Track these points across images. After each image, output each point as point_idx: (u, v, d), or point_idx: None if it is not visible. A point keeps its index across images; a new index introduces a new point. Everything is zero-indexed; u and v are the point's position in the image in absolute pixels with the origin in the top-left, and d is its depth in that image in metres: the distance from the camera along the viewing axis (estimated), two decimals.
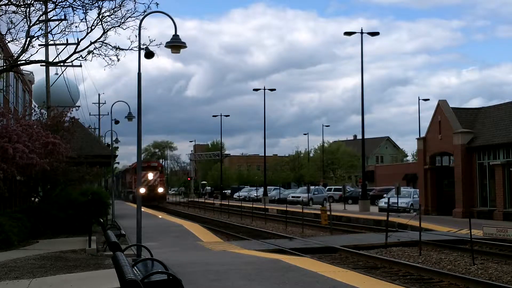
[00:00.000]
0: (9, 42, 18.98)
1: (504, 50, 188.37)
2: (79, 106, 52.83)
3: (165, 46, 15.34)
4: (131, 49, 17.54)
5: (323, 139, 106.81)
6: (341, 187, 67.52)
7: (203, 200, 76.42)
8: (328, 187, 76.09)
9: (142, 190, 58.93)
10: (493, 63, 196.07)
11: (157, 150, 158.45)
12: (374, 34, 46.86)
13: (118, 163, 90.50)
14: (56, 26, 20.93)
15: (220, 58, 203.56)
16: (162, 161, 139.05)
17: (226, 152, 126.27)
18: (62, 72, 35.33)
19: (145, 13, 16.49)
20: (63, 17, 19.95)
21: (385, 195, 47.01)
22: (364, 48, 48.82)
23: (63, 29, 19.07)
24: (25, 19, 17.59)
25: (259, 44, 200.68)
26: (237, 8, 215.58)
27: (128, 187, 78.87)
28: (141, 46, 15.74)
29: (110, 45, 18.01)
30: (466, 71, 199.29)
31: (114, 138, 37.57)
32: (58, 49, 36.72)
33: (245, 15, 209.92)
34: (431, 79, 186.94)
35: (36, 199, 30.52)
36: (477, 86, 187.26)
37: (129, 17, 17.72)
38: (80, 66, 36.90)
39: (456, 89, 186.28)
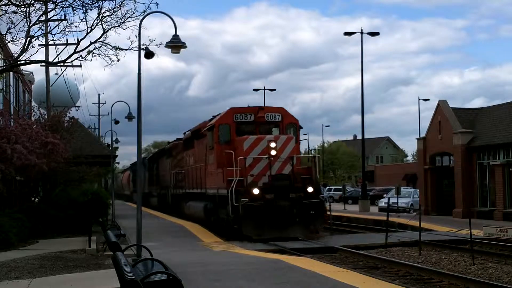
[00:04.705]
0: (9, 42, 19.01)
1: (507, 49, 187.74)
2: (79, 106, 52.81)
3: (165, 46, 15.38)
4: (131, 49, 17.59)
5: (323, 139, 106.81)
6: (341, 187, 67.51)
7: None
8: (328, 187, 76.00)
9: (256, 192, 23.15)
10: (496, 63, 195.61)
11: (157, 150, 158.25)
12: (374, 34, 46.88)
13: (118, 163, 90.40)
14: (56, 26, 21.02)
15: (222, 57, 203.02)
16: None
17: None
18: (62, 72, 35.36)
19: (145, 13, 16.56)
20: (63, 17, 20.03)
21: (385, 195, 46.97)
22: (366, 47, 48.91)
23: (63, 29, 19.15)
24: (25, 19, 17.65)
25: (261, 44, 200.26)
26: (239, 7, 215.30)
27: (177, 184, 37.09)
28: (141, 46, 15.77)
29: (110, 45, 18.07)
30: (469, 71, 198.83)
31: (114, 138, 37.65)
32: (58, 49, 36.63)
33: (248, 14, 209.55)
34: (434, 78, 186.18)
35: (36, 199, 30.53)
36: (479, 86, 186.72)
37: (129, 17, 17.78)
38: (80, 66, 36.85)
39: (458, 89, 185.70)
